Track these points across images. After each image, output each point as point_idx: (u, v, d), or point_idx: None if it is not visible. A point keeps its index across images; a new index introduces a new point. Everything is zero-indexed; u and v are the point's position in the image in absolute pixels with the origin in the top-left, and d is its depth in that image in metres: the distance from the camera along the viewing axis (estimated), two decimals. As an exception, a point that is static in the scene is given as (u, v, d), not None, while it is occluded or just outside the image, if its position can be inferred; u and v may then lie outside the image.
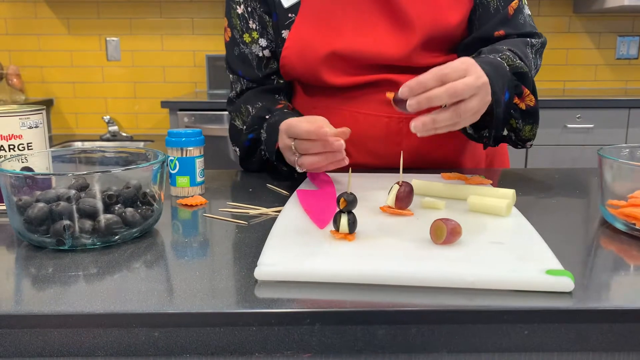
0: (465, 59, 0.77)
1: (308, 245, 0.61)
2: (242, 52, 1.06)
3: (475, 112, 0.77)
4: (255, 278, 0.55)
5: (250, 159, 1.06)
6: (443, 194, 0.81)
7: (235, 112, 1.07)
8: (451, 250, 0.60)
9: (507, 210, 0.72)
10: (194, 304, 0.50)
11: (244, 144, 1.04)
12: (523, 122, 0.91)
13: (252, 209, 0.79)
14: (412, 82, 0.73)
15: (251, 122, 1.02)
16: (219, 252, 0.64)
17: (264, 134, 0.98)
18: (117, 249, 0.65)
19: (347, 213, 0.64)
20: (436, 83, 0.73)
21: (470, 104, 0.75)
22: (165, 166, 0.72)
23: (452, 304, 0.51)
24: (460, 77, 0.74)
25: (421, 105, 0.72)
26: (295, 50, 1.00)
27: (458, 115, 0.74)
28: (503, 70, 0.85)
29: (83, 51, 3.21)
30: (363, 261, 0.57)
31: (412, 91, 0.73)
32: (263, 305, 0.50)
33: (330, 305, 0.50)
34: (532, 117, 0.91)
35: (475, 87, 0.74)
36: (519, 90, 0.89)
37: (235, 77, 1.09)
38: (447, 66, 0.74)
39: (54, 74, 3.23)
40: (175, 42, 3.21)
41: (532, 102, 0.90)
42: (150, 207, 0.70)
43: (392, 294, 0.52)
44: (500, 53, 0.90)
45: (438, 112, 0.74)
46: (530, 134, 0.93)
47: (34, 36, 3.20)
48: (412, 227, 0.68)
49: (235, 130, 1.07)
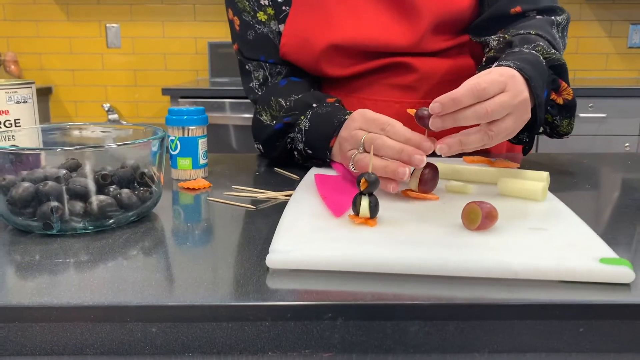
0: (504, 71, 0.66)
1: (325, 230, 0.54)
2: (260, 32, 0.96)
3: (510, 133, 0.67)
4: (267, 266, 0.48)
5: (273, 144, 0.91)
6: (469, 177, 0.74)
7: (263, 105, 0.93)
8: (488, 237, 0.53)
9: (542, 194, 0.65)
10: (197, 295, 0.44)
11: (274, 128, 0.89)
12: (560, 117, 0.82)
13: (260, 192, 0.73)
14: (444, 99, 0.62)
15: (291, 106, 0.89)
16: (225, 239, 0.57)
17: (305, 123, 0.84)
18: (111, 234, 0.58)
19: (369, 195, 0.57)
20: (472, 100, 0.62)
21: (504, 124, 0.65)
22: (165, 145, 0.66)
23: (494, 297, 0.44)
24: (499, 91, 0.64)
25: (445, 125, 0.63)
26: (292, 47, 0.93)
27: (489, 138, 0.65)
28: (541, 66, 0.75)
29: (82, 38, 3.14)
30: (389, 248, 0.50)
31: (445, 109, 0.62)
32: (277, 297, 0.43)
33: (355, 298, 0.43)
34: (570, 111, 0.83)
35: (511, 107, 0.64)
36: (556, 84, 0.80)
37: (255, 65, 0.98)
38: (484, 79, 0.63)
39: (52, 61, 3.16)
40: (176, 28, 3.13)
41: (570, 95, 0.81)
42: (149, 189, 0.63)
43: (423, 285, 0.46)
44: (534, 44, 0.80)
45: (467, 134, 0.65)
46: (568, 128, 0.84)
47: (32, 22, 3.12)
48: (439, 212, 0.61)
49: (261, 126, 0.92)
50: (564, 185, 0.78)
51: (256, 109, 0.95)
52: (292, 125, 0.86)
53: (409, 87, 0.94)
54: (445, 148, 0.64)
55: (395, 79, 0.95)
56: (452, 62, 0.95)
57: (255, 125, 0.94)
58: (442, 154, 0.64)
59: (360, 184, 0.57)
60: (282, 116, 0.89)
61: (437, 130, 0.64)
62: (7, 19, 3.11)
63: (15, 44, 3.14)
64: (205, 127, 0.81)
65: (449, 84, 0.93)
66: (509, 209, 0.62)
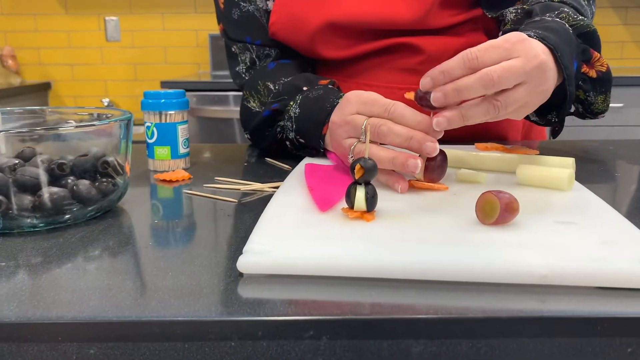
0: (511, 35, 0.56)
1: (312, 227, 0.46)
2: (245, 11, 0.87)
3: (523, 105, 0.57)
4: (239, 271, 0.40)
5: (262, 133, 0.83)
6: (483, 164, 0.65)
7: (249, 91, 0.85)
8: (507, 233, 0.44)
9: (569, 183, 0.56)
10: (146, 308, 0.35)
11: (262, 115, 0.81)
12: (595, 93, 0.72)
13: (244, 184, 0.64)
14: (434, 71, 0.55)
15: (280, 91, 0.80)
16: (196, 238, 0.49)
17: (295, 109, 0.75)
18: (63, 232, 0.50)
19: (365, 185, 0.48)
20: (465, 71, 0.54)
21: (515, 94, 0.55)
22: (131, 128, 0.57)
23: (517, 309, 0.35)
24: (500, 59, 0.54)
25: (449, 98, 0.54)
26: (283, 25, 0.83)
27: (495, 109, 0.55)
28: (567, 34, 0.65)
29: (81, 31, 3.06)
30: (388, 248, 0.41)
31: (436, 81, 0.55)
32: (247, 311, 0.35)
33: (344, 311, 0.35)
34: (605, 85, 0.72)
35: (522, 73, 0.54)
36: (587, 55, 0.70)
37: (241, 47, 0.89)
38: (479, 47, 0.55)
39: (51, 55, 3.09)
40: (177, 21, 3.05)
41: (604, 67, 0.71)
42: (112, 180, 0.55)
43: (430, 294, 0.37)
44: (557, 11, 0.70)
45: (469, 105, 0.55)
46: (604, 105, 0.73)
47: (30, 16, 3.05)
48: (448, 204, 0.52)
49: (249, 113, 0.84)
50: (590, 173, 0.69)
51: (244, 95, 0.86)
52: (280, 112, 0.77)
53: (415, 71, 0.85)
54: (444, 121, 0.54)
55: (399, 62, 0.85)
56: (463, 40, 0.85)
57: (243, 113, 0.86)
58: (439, 129, 0.55)
59: (355, 172, 0.48)
60: (270, 102, 0.80)
61: (441, 106, 0.54)
62: (4, 13, 3.04)
63: (13, 39, 3.07)
64: (186, 112, 0.73)
65: None
66: (531, 200, 0.53)
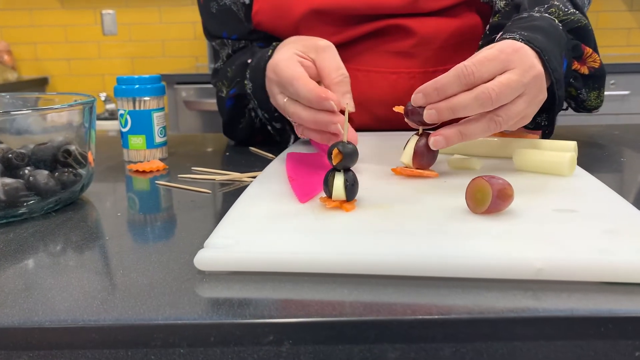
0: (505, 45, 0.53)
1: (285, 218, 0.41)
2: (222, 4, 0.81)
3: (523, 118, 0.53)
4: (197, 268, 0.36)
5: (235, 125, 0.80)
6: (477, 150, 0.60)
7: (221, 80, 0.80)
8: (500, 223, 0.39)
9: (570, 167, 0.51)
10: (86, 311, 0.31)
11: (225, 106, 0.79)
12: (587, 90, 0.68)
13: (222, 174, 0.60)
14: (427, 88, 0.50)
15: (233, 74, 0.77)
16: (159, 232, 0.44)
17: (249, 85, 0.72)
18: (17, 227, 0.46)
19: (344, 171, 0.44)
20: (460, 87, 0.50)
21: (515, 108, 0.51)
22: (94, 114, 0.53)
23: (509, 307, 0.31)
24: (496, 72, 0.50)
25: (442, 116, 0.50)
26: (267, 14, 0.78)
27: (497, 124, 0.51)
28: (556, 32, 0.61)
29: (78, 26, 3.02)
30: (365, 241, 0.37)
31: (429, 98, 0.50)
32: (199, 313, 0.31)
33: (309, 312, 0.30)
34: (598, 81, 0.67)
35: (521, 86, 0.50)
36: (579, 51, 0.65)
37: (219, 44, 0.84)
38: (475, 62, 0.50)
39: (48, 50, 3.05)
40: (174, 14, 3.00)
41: (597, 63, 0.66)
42: (73, 171, 0.51)
43: (410, 291, 0.33)
44: (547, 5, 0.65)
45: (468, 122, 0.51)
46: (597, 102, 0.69)
47: (26, 11, 3.02)
48: (437, 192, 0.48)
49: (221, 101, 0.81)
50: (594, 158, 0.64)
51: (217, 85, 0.81)
52: (242, 95, 0.73)
53: (406, 54, 0.80)
54: (442, 141, 0.51)
55: (390, 45, 0.80)
56: (457, 22, 0.80)
57: (219, 105, 0.81)
58: (436, 148, 0.51)
59: (332, 157, 0.43)
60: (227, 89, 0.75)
61: (434, 123, 0.50)
62: (0, 8, 3.01)
63: (8, 34, 3.03)
64: (162, 99, 0.68)
65: (452, 49, 0.79)
66: (528, 186, 0.48)
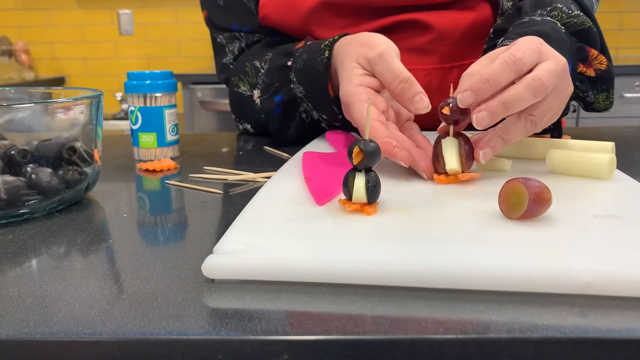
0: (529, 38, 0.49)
1: (302, 221, 0.38)
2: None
3: (554, 113, 0.50)
4: (205, 276, 0.32)
5: (285, 130, 0.73)
6: (507, 150, 0.57)
7: (237, 75, 0.77)
8: (538, 230, 0.36)
9: (609, 170, 0.47)
10: (82, 322, 0.28)
11: (273, 114, 0.72)
12: (595, 92, 0.65)
13: (235, 174, 0.57)
14: (475, 83, 0.46)
15: (269, 81, 0.72)
16: (167, 235, 0.41)
17: (299, 89, 0.68)
18: (17, 227, 0.43)
19: (365, 172, 0.40)
20: (512, 75, 0.46)
21: (547, 103, 0.48)
22: (101, 109, 0.50)
23: (554, 325, 0.27)
24: (535, 61, 0.48)
25: (496, 116, 0.46)
26: (274, 7, 0.75)
27: (533, 124, 0.48)
28: (559, 36, 0.59)
29: (95, 25, 3.03)
30: (390, 248, 0.33)
31: (480, 93, 0.46)
32: (205, 327, 0.27)
33: (328, 329, 0.27)
34: (606, 83, 0.65)
35: (557, 76, 0.47)
36: (584, 53, 0.63)
37: (228, 37, 0.81)
38: (514, 49, 0.47)
39: (65, 50, 3.06)
40: (190, 14, 2.99)
41: (604, 65, 0.63)
42: (78, 169, 0.48)
43: (442, 306, 0.29)
44: (550, 8, 0.63)
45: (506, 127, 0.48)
46: (606, 103, 0.65)
47: (43, 11, 3.03)
48: (465, 195, 0.44)
49: (241, 99, 0.77)
50: (631, 161, 0.60)
51: (232, 82, 0.78)
52: (291, 100, 0.70)
53: (423, 50, 0.76)
54: (490, 152, 0.47)
55: (406, 41, 0.77)
56: (472, 15, 0.76)
57: (235, 101, 0.78)
58: (485, 161, 0.47)
59: (353, 156, 0.40)
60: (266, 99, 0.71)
61: (486, 127, 0.46)
62: (19, 8, 3.02)
63: (26, 34, 3.04)
64: (174, 96, 0.66)
65: (467, 44, 0.75)
66: (564, 190, 0.45)
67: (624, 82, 2.37)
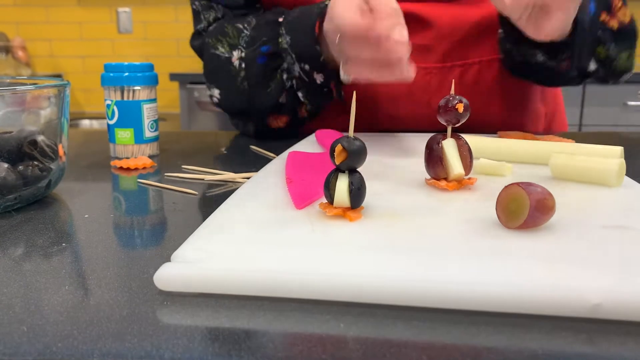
0: None
1: (272, 228, 0.34)
2: None
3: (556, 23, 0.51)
4: (157, 287, 0.28)
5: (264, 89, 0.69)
6: (508, 154, 0.53)
7: (215, 36, 0.72)
8: (539, 241, 0.32)
9: (618, 177, 0.43)
10: (7, 338, 0.24)
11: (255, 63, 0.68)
12: (617, 48, 0.63)
13: (214, 173, 0.53)
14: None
15: (257, 33, 0.68)
16: (127, 239, 0.37)
17: (285, 39, 0.65)
18: (-37, 228, 0.39)
19: (349, 173, 0.36)
20: None
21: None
22: (66, 100, 0.46)
23: (555, 353, 0.23)
24: None
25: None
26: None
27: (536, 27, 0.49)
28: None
29: (93, 23, 2.99)
30: (370, 259, 0.29)
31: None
32: (149, 347, 0.23)
33: (293, 353, 0.23)
34: (629, 40, 0.64)
35: None
36: (607, 1, 0.61)
37: (204, 4, 0.77)
38: None
39: (63, 47, 3.03)
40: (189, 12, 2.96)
41: (627, 18, 0.62)
42: (39, 165, 0.44)
43: (425, 328, 0.25)
44: None
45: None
46: (627, 64, 0.65)
47: (42, 7, 3.00)
48: (459, 201, 0.40)
49: (217, 61, 0.71)
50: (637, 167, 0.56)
51: (208, 44, 0.72)
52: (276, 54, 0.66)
53: (424, 48, 0.72)
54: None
55: None
56: (477, 11, 0.72)
57: (210, 64, 0.71)
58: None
59: (335, 155, 0.36)
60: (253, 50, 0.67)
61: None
62: (17, 4, 2.99)
63: (24, 30, 3.01)
64: (154, 89, 0.62)
65: (471, 43, 0.71)
66: (569, 198, 0.41)
67: (627, 90, 2.34)
